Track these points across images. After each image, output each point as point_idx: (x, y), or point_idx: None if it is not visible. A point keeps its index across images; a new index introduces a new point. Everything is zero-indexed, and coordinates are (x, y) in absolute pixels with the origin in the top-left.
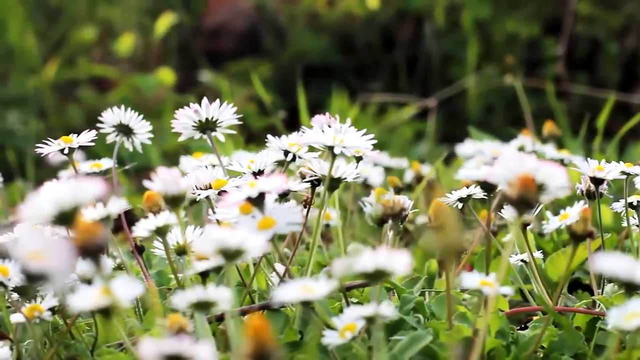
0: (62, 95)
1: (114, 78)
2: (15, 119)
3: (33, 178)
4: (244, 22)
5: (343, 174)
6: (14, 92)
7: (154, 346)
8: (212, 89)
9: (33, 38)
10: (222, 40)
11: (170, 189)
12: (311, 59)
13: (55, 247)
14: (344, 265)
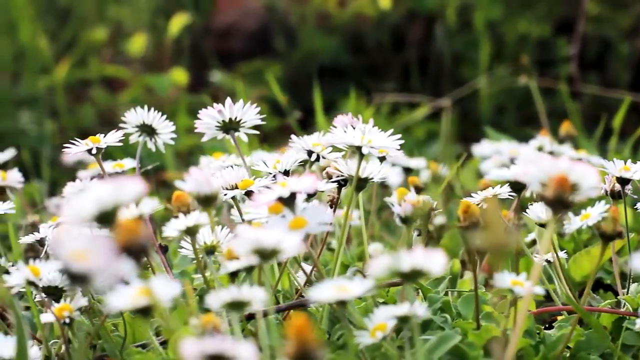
0: (73, 95)
1: (125, 78)
2: (27, 119)
3: (48, 178)
4: (254, 23)
5: (370, 174)
6: (26, 92)
7: (196, 346)
8: (224, 89)
9: (45, 38)
10: (232, 41)
11: (202, 189)
12: (321, 59)
13: (98, 247)
14: (380, 264)
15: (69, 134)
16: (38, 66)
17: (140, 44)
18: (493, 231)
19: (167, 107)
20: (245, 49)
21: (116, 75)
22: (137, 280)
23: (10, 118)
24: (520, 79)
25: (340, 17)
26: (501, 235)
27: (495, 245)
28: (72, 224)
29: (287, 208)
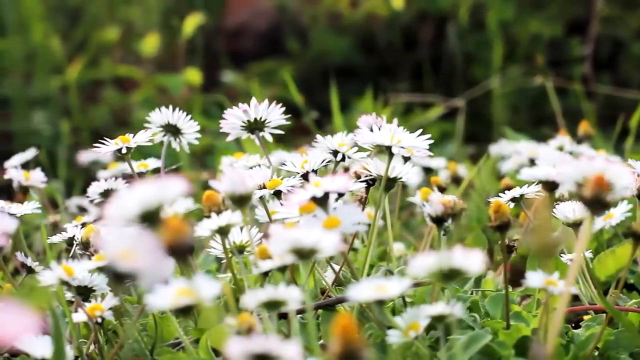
0: (85, 95)
1: (137, 78)
2: (40, 119)
3: (64, 178)
4: (265, 23)
5: (399, 174)
6: (39, 92)
7: (242, 345)
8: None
9: (57, 38)
10: (243, 41)
11: (237, 189)
12: (333, 59)
13: (144, 246)
14: (420, 264)
15: (82, 134)
16: (50, 66)
17: (153, 44)
18: (542, 232)
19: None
20: (256, 49)
21: (128, 75)
22: (178, 279)
23: (23, 118)
24: (536, 79)
25: (351, 17)
26: (551, 235)
27: (544, 246)
28: (116, 224)
29: (320, 208)
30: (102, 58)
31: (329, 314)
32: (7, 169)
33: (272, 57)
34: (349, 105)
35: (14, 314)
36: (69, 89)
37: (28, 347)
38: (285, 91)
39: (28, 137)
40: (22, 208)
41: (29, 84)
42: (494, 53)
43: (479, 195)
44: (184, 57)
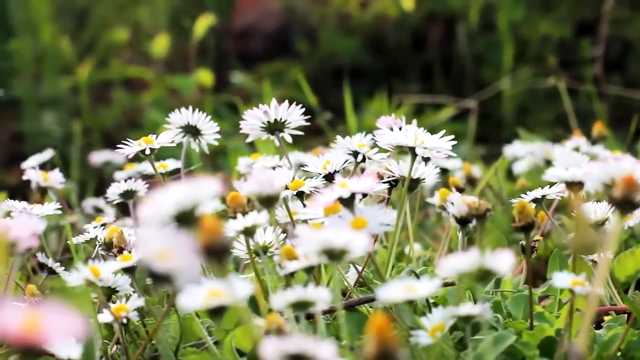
0: (94, 96)
1: (147, 79)
2: (50, 119)
3: (77, 179)
4: (273, 24)
5: (422, 175)
6: (49, 93)
7: (277, 345)
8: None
9: (67, 39)
10: (251, 42)
11: (265, 189)
12: (342, 60)
13: (180, 246)
14: (450, 265)
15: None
16: (59, 67)
17: (163, 45)
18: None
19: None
20: (264, 50)
21: (138, 76)
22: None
23: (33, 119)
24: (549, 80)
25: (361, 18)
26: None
27: (584, 245)
28: (151, 224)
29: (347, 209)
30: (110, 59)
31: (352, 314)
32: (24, 169)
33: (281, 58)
34: (358, 106)
35: (56, 315)
36: (78, 89)
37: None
38: (295, 92)
39: (39, 138)
40: (44, 209)
41: (38, 84)
42: (505, 54)
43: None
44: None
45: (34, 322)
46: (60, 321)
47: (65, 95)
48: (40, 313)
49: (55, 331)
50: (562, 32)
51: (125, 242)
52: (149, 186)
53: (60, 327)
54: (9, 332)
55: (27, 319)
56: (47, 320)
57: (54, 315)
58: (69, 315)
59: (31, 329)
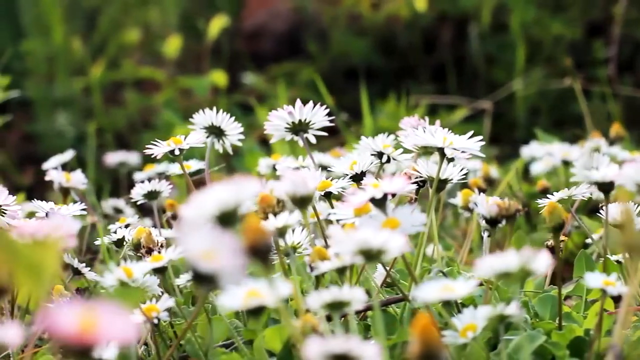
0: (105, 97)
1: (158, 80)
2: (63, 120)
3: (93, 180)
4: (283, 24)
5: (450, 176)
6: (61, 93)
7: (320, 345)
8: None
9: (78, 40)
10: (261, 42)
11: (299, 190)
12: (353, 61)
13: (225, 247)
14: (487, 264)
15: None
16: (71, 68)
17: (176, 46)
18: (629, 231)
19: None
20: (275, 50)
21: (150, 77)
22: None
23: (46, 119)
24: (565, 81)
25: (372, 19)
26: (636, 234)
27: (632, 244)
28: (194, 224)
29: (379, 209)
30: (121, 60)
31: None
32: (46, 170)
33: (291, 58)
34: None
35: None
36: (91, 90)
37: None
38: (307, 92)
39: (51, 139)
40: (70, 209)
41: (51, 85)
42: (517, 55)
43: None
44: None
45: (90, 323)
46: (114, 322)
47: (78, 96)
48: (95, 314)
49: (110, 332)
50: (573, 33)
51: (153, 242)
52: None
53: (115, 328)
54: (65, 333)
55: (83, 320)
56: (102, 321)
57: (109, 317)
58: (123, 317)
59: (87, 330)
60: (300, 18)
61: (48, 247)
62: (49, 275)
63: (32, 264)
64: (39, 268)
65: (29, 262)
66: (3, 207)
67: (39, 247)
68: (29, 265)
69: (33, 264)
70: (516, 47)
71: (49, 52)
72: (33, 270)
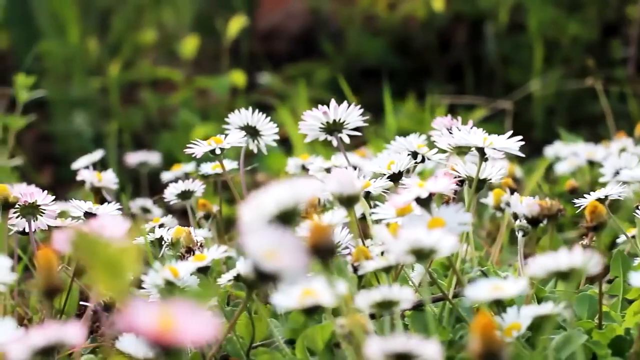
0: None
1: (174, 80)
2: (80, 120)
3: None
4: (298, 25)
5: (489, 175)
6: (78, 94)
7: (382, 344)
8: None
9: (94, 40)
10: (276, 43)
11: (345, 190)
12: (368, 61)
13: (288, 246)
14: (540, 264)
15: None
16: (87, 68)
17: (193, 47)
18: None
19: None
20: (289, 50)
21: (166, 77)
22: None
23: (63, 120)
24: (587, 81)
25: (388, 20)
26: None
27: None
28: (254, 224)
29: (423, 209)
30: (136, 60)
31: (418, 314)
32: (78, 170)
33: (306, 59)
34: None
35: (188, 315)
36: (107, 90)
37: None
38: (323, 92)
39: (69, 139)
40: (106, 209)
41: (68, 85)
42: (535, 55)
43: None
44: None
45: (169, 322)
46: (193, 321)
47: (95, 96)
48: (173, 313)
49: (189, 331)
50: (589, 33)
51: (193, 242)
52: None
53: (194, 327)
54: (145, 332)
55: (162, 318)
56: (181, 320)
57: (187, 316)
58: (201, 316)
59: (166, 329)
60: (315, 18)
61: (128, 246)
62: (128, 275)
63: (112, 263)
64: (119, 267)
65: (109, 262)
66: (42, 206)
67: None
68: (109, 264)
69: (113, 264)
70: (532, 47)
71: (66, 52)
72: (113, 269)
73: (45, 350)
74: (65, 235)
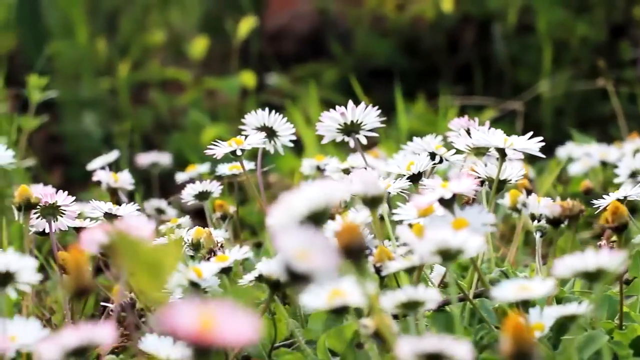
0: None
1: (183, 81)
2: (90, 121)
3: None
4: (306, 26)
5: (509, 176)
6: (87, 94)
7: (413, 344)
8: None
9: (103, 41)
10: (284, 43)
11: (370, 190)
12: (376, 62)
13: (320, 247)
14: (566, 264)
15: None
16: (96, 69)
17: (202, 48)
18: None
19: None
20: (297, 51)
21: (174, 78)
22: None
23: (72, 120)
24: (598, 82)
25: (397, 21)
26: None
27: None
28: (284, 224)
29: (447, 209)
30: (144, 61)
31: (439, 315)
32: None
33: (314, 59)
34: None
35: (229, 315)
36: (116, 91)
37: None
38: (331, 93)
39: (78, 139)
40: (126, 209)
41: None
42: (544, 56)
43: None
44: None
45: (209, 322)
46: (233, 321)
47: (104, 97)
48: (213, 314)
49: (229, 332)
50: (597, 34)
51: (214, 243)
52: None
53: (234, 327)
54: (185, 333)
55: (202, 318)
56: (221, 320)
57: (228, 316)
58: (241, 316)
59: (206, 329)
60: (323, 19)
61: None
62: (168, 276)
63: (154, 264)
64: (160, 268)
65: (151, 263)
66: (62, 207)
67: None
68: (150, 265)
69: (154, 264)
70: (540, 48)
71: (75, 53)
72: (154, 270)
73: (78, 351)
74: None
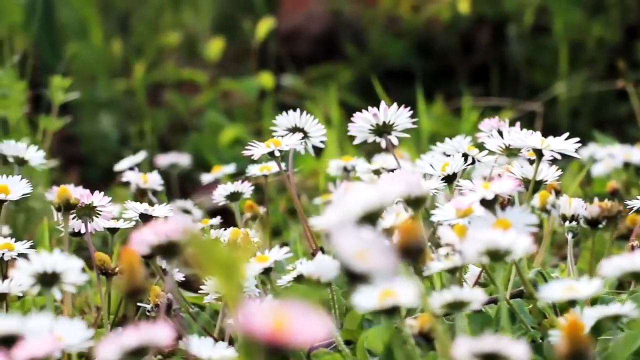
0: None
1: (199, 82)
2: (106, 122)
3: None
4: (319, 27)
5: (545, 177)
6: (104, 95)
7: (470, 344)
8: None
9: (118, 42)
10: (297, 44)
11: (414, 191)
12: (391, 63)
13: (378, 247)
14: (614, 265)
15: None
16: (111, 70)
17: (218, 49)
18: None
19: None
20: (310, 52)
21: (190, 79)
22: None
23: (89, 121)
24: (618, 83)
25: (412, 22)
26: None
27: None
28: (338, 225)
29: (488, 210)
30: (159, 62)
31: (475, 315)
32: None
33: (327, 60)
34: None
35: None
36: (132, 92)
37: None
38: (345, 94)
39: (95, 140)
40: (160, 210)
41: (93, 87)
42: (560, 58)
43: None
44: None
45: (282, 323)
46: (306, 322)
47: (120, 98)
48: (286, 314)
49: (302, 332)
50: (612, 35)
51: (251, 243)
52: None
53: (307, 327)
54: (260, 333)
55: (275, 319)
56: (294, 321)
57: (301, 316)
58: (314, 316)
59: (280, 330)
60: (336, 20)
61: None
62: (242, 276)
63: (228, 265)
64: (234, 270)
65: (226, 264)
66: (98, 208)
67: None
68: (225, 267)
69: (229, 266)
70: (556, 49)
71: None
72: (229, 272)
73: (137, 351)
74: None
